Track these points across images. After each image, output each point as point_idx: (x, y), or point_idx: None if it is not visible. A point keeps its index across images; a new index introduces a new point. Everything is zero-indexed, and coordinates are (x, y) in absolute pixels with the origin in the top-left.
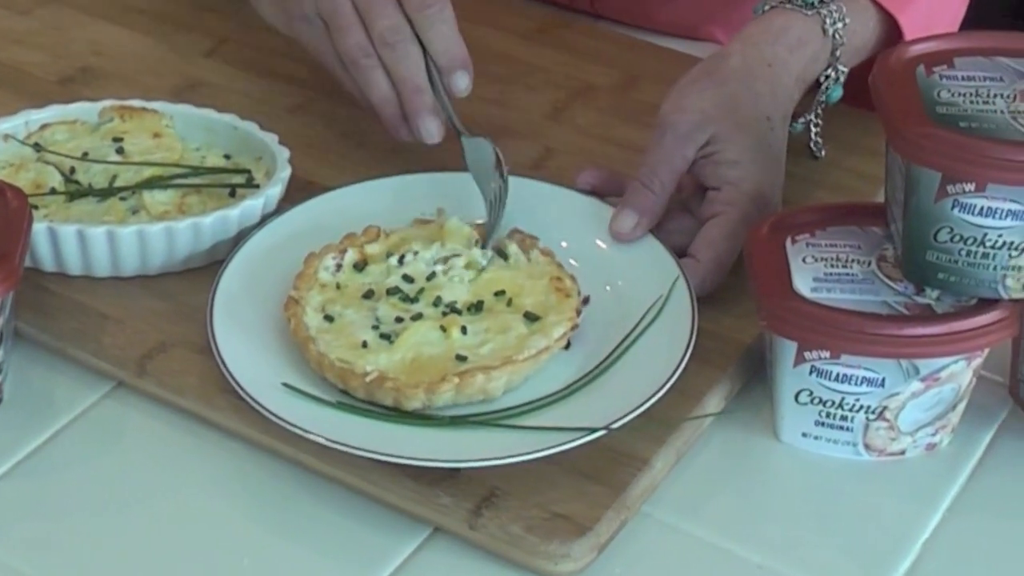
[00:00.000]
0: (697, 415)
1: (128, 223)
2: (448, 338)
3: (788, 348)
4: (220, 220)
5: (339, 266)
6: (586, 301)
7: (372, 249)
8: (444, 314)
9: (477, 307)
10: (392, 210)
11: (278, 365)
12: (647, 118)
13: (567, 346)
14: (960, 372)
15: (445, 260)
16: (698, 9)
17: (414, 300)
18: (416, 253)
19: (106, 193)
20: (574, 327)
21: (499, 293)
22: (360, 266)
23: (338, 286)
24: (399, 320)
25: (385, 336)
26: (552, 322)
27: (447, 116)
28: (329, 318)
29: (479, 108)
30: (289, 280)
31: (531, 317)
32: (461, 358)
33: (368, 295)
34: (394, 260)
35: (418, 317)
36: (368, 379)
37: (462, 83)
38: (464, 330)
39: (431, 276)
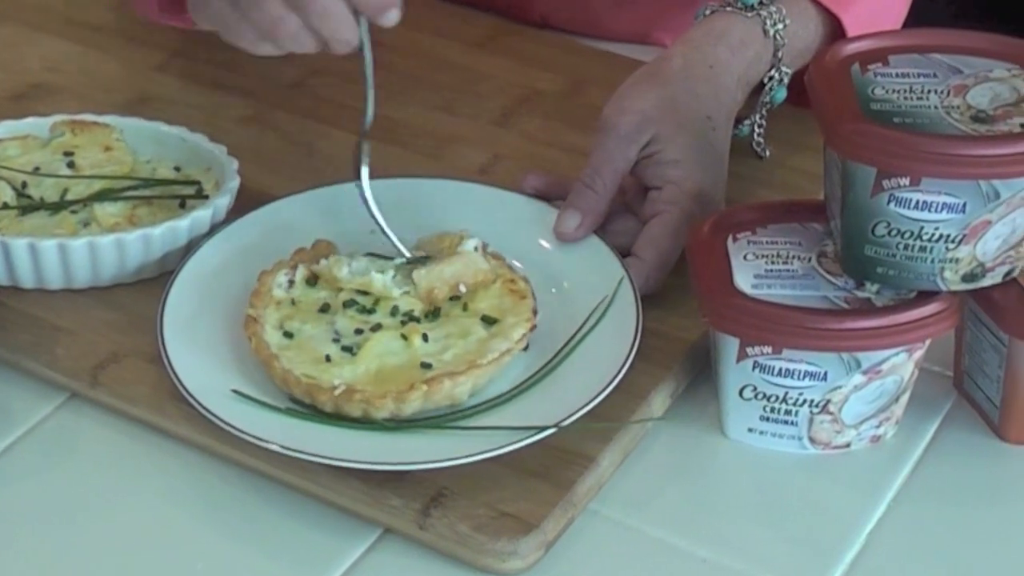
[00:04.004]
0: (643, 418)
1: (79, 236)
2: (410, 347)
3: (731, 344)
4: (169, 231)
5: (291, 282)
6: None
7: (320, 266)
8: (403, 323)
9: (434, 314)
10: (340, 219)
11: (227, 372)
12: (593, 123)
13: (526, 348)
14: (902, 364)
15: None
16: (645, 17)
17: (371, 311)
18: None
19: (57, 207)
20: (532, 327)
21: (454, 298)
22: (312, 281)
23: (293, 302)
24: (359, 332)
25: (347, 349)
26: (511, 324)
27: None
28: (288, 334)
29: (427, 115)
30: (238, 289)
31: (489, 320)
32: (426, 366)
33: (324, 309)
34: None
35: (377, 328)
36: (336, 392)
37: (391, 20)
38: (425, 337)
39: None
